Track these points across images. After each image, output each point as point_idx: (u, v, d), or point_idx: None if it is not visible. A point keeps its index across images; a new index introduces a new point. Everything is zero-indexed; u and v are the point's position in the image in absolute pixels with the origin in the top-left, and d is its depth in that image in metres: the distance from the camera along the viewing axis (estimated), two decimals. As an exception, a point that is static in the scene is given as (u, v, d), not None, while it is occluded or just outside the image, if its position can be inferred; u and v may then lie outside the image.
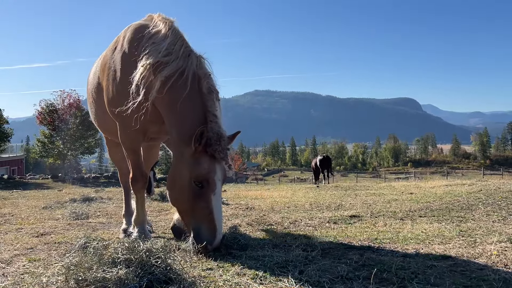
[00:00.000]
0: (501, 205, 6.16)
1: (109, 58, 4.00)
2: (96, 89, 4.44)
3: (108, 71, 3.93)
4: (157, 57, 3.37)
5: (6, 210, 8.27)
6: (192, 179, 3.22)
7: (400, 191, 10.28)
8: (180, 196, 3.31)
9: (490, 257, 3.13)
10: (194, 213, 3.26)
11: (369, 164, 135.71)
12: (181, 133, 3.29)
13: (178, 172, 3.33)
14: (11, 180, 24.74)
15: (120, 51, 3.82)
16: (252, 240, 4.04)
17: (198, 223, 3.24)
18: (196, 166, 3.20)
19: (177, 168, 3.34)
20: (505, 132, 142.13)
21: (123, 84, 3.63)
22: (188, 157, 3.23)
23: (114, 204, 9.00)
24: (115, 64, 3.83)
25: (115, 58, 3.88)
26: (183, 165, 3.26)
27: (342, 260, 3.17)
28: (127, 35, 3.86)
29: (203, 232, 3.22)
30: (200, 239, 3.21)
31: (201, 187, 3.22)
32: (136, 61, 3.53)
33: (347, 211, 6.50)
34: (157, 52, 3.40)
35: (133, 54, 3.62)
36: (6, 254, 3.78)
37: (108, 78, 3.91)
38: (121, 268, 2.46)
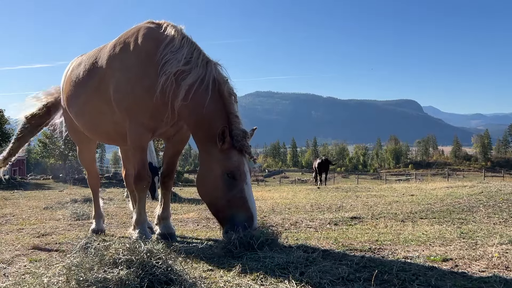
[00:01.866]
0: (502, 207, 6.16)
1: (118, 58, 3.98)
2: (92, 91, 4.30)
3: (122, 71, 3.93)
4: (178, 66, 3.61)
5: (7, 210, 8.29)
6: (225, 172, 3.46)
7: (401, 192, 10.27)
8: (214, 191, 3.52)
9: (491, 259, 3.13)
10: (230, 204, 3.45)
11: (370, 166, 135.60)
12: (208, 134, 3.53)
13: (209, 169, 3.55)
14: (13, 180, 24.79)
15: (136, 53, 3.88)
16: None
17: (235, 214, 3.44)
18: (227, 160, 3.46)
19: (208, 166, 3.56)
20: (506, 134, 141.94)
21: (141, 85, 3.78)
22: (218, 153, 3.48)
23: (115, 204, 9.01)
24: (130, 65, 3.89)
25: (129, 59, 3.90)
26: (214, 162, 3.51)
27: (343, 261, 3.17)
28: (142, 38, 3.89)
29: (241, 221, 3.41)
30: (238, 227, 3.38)
31: (234, 178, 3.45)
32: (156, 64, 3.70)
33: (348, 212, 6.50)
34: (177, 61, 3.62)
35: (151, 57, 3.77)
36: (7, 254, 3.79)
37: (122, 78, 3.91)
38: (122, 269, 2.46)
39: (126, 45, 3.99)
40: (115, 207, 8.52)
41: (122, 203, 9.26)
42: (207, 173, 3.57)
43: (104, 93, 4.13)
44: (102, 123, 4.41)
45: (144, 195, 4.23)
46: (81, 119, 4.67)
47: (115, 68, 4.00)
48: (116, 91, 3.95)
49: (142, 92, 3.79)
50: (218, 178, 3.48)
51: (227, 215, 3.49)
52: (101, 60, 4.22)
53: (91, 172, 5.38)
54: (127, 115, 3.95)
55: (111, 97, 4.03)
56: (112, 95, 4.00)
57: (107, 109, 4.18)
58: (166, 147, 4.59)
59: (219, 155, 3.48)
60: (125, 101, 3.90)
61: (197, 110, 3.58)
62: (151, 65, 3.76)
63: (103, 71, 4.15)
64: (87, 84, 4.38)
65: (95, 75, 4.27)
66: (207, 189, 3.60)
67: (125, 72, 3.90)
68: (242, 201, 3.46)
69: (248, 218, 3.43)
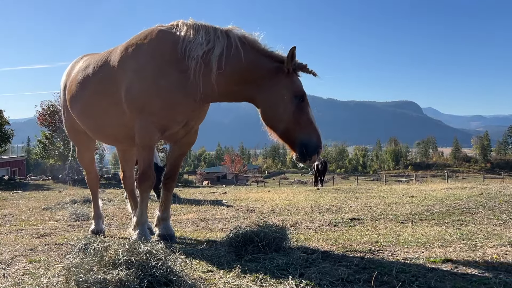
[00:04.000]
0: (501, 209, 6.16)
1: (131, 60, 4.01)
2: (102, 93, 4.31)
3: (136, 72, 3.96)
4: (203, 48, 3.76)
5: (7, 211, 8.28)
6: (293, 96, 3.63)
7: (400, 194, 10.27)
8: (285, 115, 3.63)
9: (490, 261, 3.13)
10: (299, 127, 3.63)
11: (370, 167, 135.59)
12: (263, 74, 3.70)
13: (276, 98, 3.66)
14: (12, 181, 24.75)
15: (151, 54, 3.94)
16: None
17: (305, 134, 3.62)
18: (294, 83, 3.68)
19: (274, 96, 3.67)
20: (506, 135, 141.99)
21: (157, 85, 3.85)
22: (284, 80, 3.66)
23: (115, 205, 9.01)
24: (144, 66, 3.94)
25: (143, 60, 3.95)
26: (282, 88, 3.64)
27: (343, 263, 3.17)
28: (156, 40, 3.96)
29: (312, 139, 3.61)
30: (311, 146, 3.59)
31: (302, 101, 3.64)
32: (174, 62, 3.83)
33: (347, 214, 6.50)
34: (199, 45, 3.77)
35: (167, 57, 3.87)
36: (6, 255, 3.78)
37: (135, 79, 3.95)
38: (121, 270, 2.46)
39: (139, 48, 4.03)
40: (115, 208, 8.52)
41: (121, 204, 9.25)
42: (277, 100, 3.66)
43: (115, 95, 4.13)
44: (110, 124, 4.42)
45: (147, 195, 4.24)
46: (87, 120, 4.66)
47: (128, 69, 4.01)
48: (129, 92, 3.96)
49: (157, 92, 3.85)
50: (289, 102, 3.62)
51: (298, 137, 3.64)
52: (112, 62, 4.22)
53: (91, 172, 5.39)
54: (138, 115, 3.96)
55: (122, 99, 4.05)
56: (124, 96, 4.01)
57: (116, 111, 4.17)
58: (172, 149, 4.59)
59: (286, 81, 3.66)
60: (138, 101, 3.93)
61: (237, 68, 3.74)
62: (168, 65, 3.85)
63: (114, 73, 4.15)
64: (96, 86, 4.37)
65: (106, 78, 4.26)
66: (279, 115, 3.67)
67: (139, 73, 3.95)
68: (310, 121, 3.66)
69: (317, 138, 3.63)
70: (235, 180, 63.46)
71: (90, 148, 5.35)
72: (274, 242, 3.54)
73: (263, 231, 3.58)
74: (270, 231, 3.61)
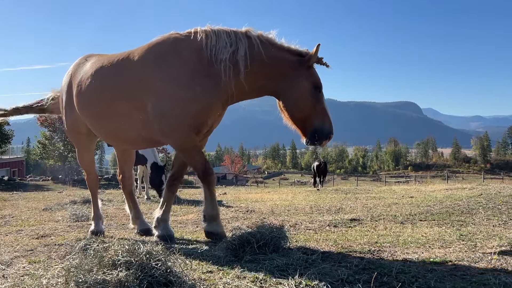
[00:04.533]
0: (501, 209, 6.16)
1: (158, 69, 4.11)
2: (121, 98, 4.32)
3: (166, 81, 4.07)
4: (228, 51, 4.01)
5: (6, 211, 8.28)
6: (313, 87, 3.99)
7: (400, 194, 10.28)
8: (306, 105, 3.98)
9: (490, 262, 3.13)
10: (316, 114, 4.00)
11: (370, 168, 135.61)
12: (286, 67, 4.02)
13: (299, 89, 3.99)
14: (12, 181, 24.75)
15: (181, 63, 4.09)
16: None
17: (320, 121, 4.00)
18: (314, 75, 4.04)
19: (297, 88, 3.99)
20: (506, 136, 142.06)
21: (193, 91, 4.01)
22: (305, 72, 3.99)
23: (115, 206, 9.00)
24: (176, 75, 4.08)
25: (173, 70, 4.08)
26: (303, 81, 3.98)
27: (342, 263, 3.17)
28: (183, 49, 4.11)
29: (326, 126, 4.00)
30: (325, 132, 4.00)
31: (319, 91, 4.03)
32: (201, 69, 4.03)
33: (347, 214, 6.50)
34: (224, 48, 4.02)
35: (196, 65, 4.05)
36: (6, 255, 3.78)
37: (167, 88, 4.06)
38: (121, 271, 2.46)
39: (165, 56, 4.14)
40: (115, 208, 8.51)
41: (121, 205, 9.24)
42: (300, 91, 3.99)
43: (139, 100, 4.18)
44: (129, 128, 4.42)
45: (214, 188, 4.37)
46: (101, 123, 4.63)
47: (158, 78, 4.10)
48: (161, 99, 4.05)
49: (193, 98, 4.02)
50: (308, 92, 3.97)
51: (314, 124, 4.00)
52: (134, 67, 4.25)
53: (90, 173, 5.39)
54: (174, 121, 4.07)
55: (146, 105, 4.12)
56: (153, 103, 4.07)
57: (139, 115, 4.22)
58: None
59: (306, 73, 3.99)
60: (175, 108, 4.04)
61: (261, 65, 4.01)
62: (198, 71, 4.04)
63: (140, 79, 4.19)
64: (116, 90, 4.37)
65: (129, 83, 4.28)
66: (300, 105, 4.01)
67: (173, 81, 4.07)
68: (325, 111, 4.03)
69: (329, 125, 4.03)
70: (235, 181, 63.45)
71: (90, 149, 5.34)
72: (272, 242, 3.55)
73: (260, 232, 3.59)
74: (267, 231, 3.62)
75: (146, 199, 10.69)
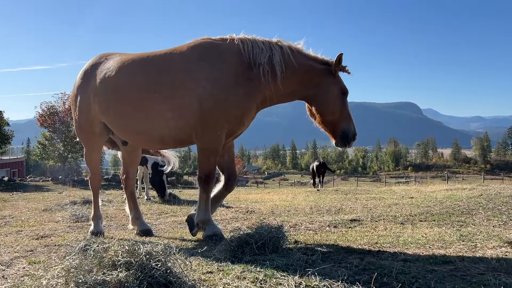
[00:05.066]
0: (501, 210, 6.16)
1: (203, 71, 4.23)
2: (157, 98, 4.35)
3: (212, 83, 4.19)
4: (265, 55, 4.29)
5: (7, 212, 8.28)
6: (341, 92, 4.35)
7: (400, 195, 10.28)
8: (335, 109, 4.34)
9: (490, 262, 3.13)
10: (342, 118, 4.37)
11: (370, 168, 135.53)
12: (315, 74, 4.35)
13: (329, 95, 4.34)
14: (12, 182, 24.74)
15: (225, 66, 4.28)
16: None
17: (347, 124, 4.37)
18: (341, 82, 4.41)
19: (327, 93, 4.34)
20: (506, 136, 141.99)
21: (236, 94, 4.22)
22: (333, 79, 4.34)
23: (114, 206, 9.00)
24: (221, 77, 4.25)
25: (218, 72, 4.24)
26: (332, 85, 4.34)
27: (343, 264, 3.17)
28: (225, 52, 4.32)
29: (351, 128, 4.38)
30: (351, 133, 4.38)
31: (345, 96, 4.39)
32: (242, 73, 4.26)
33: (347, 215, 6.50)
34: (261, 53, 4.30)
35: (238, 68, 4.29)
36: (6, 256, 3.78)
37: (212, 89, 4.18)
38: (121, 271, 2.46)
39: (208, 58, 4.30)
40: (115, 209, 8.51)
41: (121, 205, 9.25)
42: (330, 97, 4.35)
43: (176, 100, 4.25)
44: (159, 127, 4.43)
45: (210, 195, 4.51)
46: (128, 122, 4.59)
47: (201, 78, 4.21)
48: (203, 100, 4.16)
49: (236, 100, 4.22)
50: (337, 97, 4.34)
51: (341, 126, 4.37)
52: (174, 68, 4.35)
53: (96, 173, 5.33)
54: (213, 121, 4.21)
55: (185, 104, 4.21)
56: (194, 103, 4.18)
57: (174, 114, 4.29)
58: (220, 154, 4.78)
59: (334, 79, 4.35)
60: (217, 109, 4.19)
61: (294, 71, 4.32)
62: (240, 74, 4.26)
63: (179, 80, 4.27)
64: (151, 90, 4.39)
65: (166, 82, 4.34)
66: (331, 109, 4.36)
67: (215, 83, 4.20)
68: (349, 114, 4.41)
69: (354, 128, 4.41)
70: (235, 181, 63.17)
71: (100, 150, 5.33)
72: (271, 242, 3.55)
73: (259, 233, 3.59)
74: (265, 231, 3.62)
75: (146, 200, 10.68)
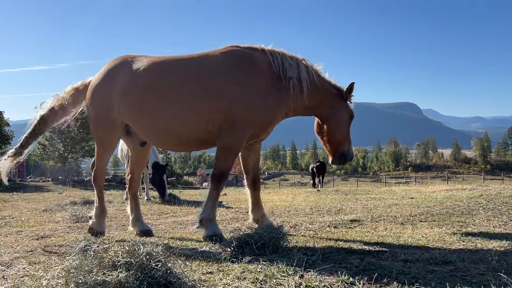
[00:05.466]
0: (501, 210, 6.16)
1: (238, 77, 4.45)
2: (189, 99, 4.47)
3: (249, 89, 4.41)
4: (294, 71, 4.57)
5: (7, 212, 8.28)
6: (349, 117, 4.85)
7: (400, 195, 10.28)
8: (343, 130, 4.83)
9: (490, 263, 3.13)
10: (346, 139, 4.87)
11: (370, 169, 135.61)
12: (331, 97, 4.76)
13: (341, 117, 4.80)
14: (12, 182, 24.75)
15: (260, 74, 4.48)
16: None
17: (348, 145, 4.89)
18: (349, 107, 4.85)
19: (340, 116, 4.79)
20: (506, 137, 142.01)
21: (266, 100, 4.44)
22: (343, 105, 4.78)
23: (114, 207, 9.00)
24: (256, 85, 4.45)
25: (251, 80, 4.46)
26: (344, 111, 4.79)
27: (343, 264, 3.17)
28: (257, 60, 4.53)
29: (350, 150, 4.93)
30: (350, 155, 4.93)
31: (351, 120, 4.87)
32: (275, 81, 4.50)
33: (347, 215, 6.50)
34: (291, 67, 4.57)
35: (270, 77, 4.51)
36: (6, 256, 3.78)
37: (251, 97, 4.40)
38: (121, 272, 2.46)
39: (242, 65, 4.51)
40: (115, 209, 8.51)
41: (121, 206, 9.25)
42: (341, 119, 4.81)
43: (209, 102, 4.38)
44: (188, 129, 4.53)
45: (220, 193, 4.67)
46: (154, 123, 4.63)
47: (235, 83, 4.40)
48: (234, 103, 4.33)
49: (265, 108, 4.44)
50: (346, 121, 4.83)
51: (343, 146, 4.86)
52: (210, 72, 4.46)
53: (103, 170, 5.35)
54: (240, 125, 4.37)
55: (216, 107, 4.35)
56: (225, 106, 4.33)
57: (205, 117, 4.41)
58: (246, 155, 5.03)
59: (345, 104, 4.79)
60: (245, 114, 4.36)
61: (316, 90, 4.66)
62: (270, 84, 4.47)
63: (215, 84, 4.41)
64: (185, 93, 4.48)
65: (201, 86, 4.44)
66: (340, 130, 4.82)
67: (247, 89, 4.41)
68: (350, 137, 4.92)
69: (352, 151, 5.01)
70: (235, 182, 63.34)
71: (113, 149, 5.41)
72: (271, 242, 3.56)
73: (258, 233, 3.60)
74: (265, 232, 3.62)
75: (146, 200, 10.68)
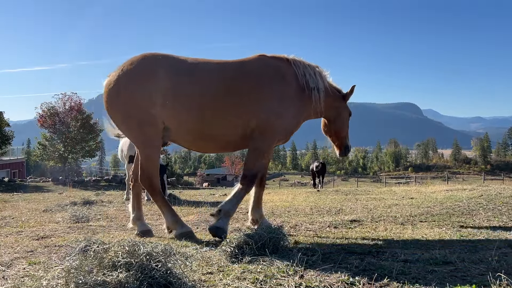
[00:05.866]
0: (501, 210, 6.16)
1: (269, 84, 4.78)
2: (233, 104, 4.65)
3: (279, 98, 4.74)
4: (315, 81, 5.01)
5: (7, 212, 8.28)
6: (349, 115, 5.52)
7: (400, 195, 10.28)
8: (345, 128, 5.51)
9: (490, 263, 3.13)
10: (346, 135, 5.54)
11: (370, 169, 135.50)
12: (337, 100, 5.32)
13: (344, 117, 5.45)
14: (12, 182, 24.74)
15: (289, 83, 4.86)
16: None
17: (347, 139, 5.57)
18: (347, 107, 5.47)
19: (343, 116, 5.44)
20: (506, 137, 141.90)
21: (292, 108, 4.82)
22: (345, 105, 5.41)
23: (115, 207, 9.00)
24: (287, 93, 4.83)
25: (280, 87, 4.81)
26: (344, 110, 5.41)
27: (343, 264, 3.17)
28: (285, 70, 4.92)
29: (349, 143, 5.58)
30: (349, 147, 5.59)
31: (350, 117, 5.56)
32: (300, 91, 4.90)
33: (347, 215, 6.50)
34: (311, 78, 4.98)
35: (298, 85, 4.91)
36: (6, 257, 3.78)
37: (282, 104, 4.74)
38: (121, 272, 2.46)
39: (273, 75, 4.84)
40: (115, 209, 8.51)
41: (122, 206, 9.25)
42: (344, 119, 5.45)
43: (246, 108, 4.64)
44: (230, 134, 4.77)
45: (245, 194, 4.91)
46: (202, 128, 4.70)
47: (267, 92, 4.72)
48: (264, 111, 4.64)
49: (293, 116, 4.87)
50: (346, 119, 5.49)
51: (346, 141, 5.54)
52: (248, 79, 4.76)
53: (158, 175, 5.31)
54: (271, 130, 4.69)
55: (251, 113, 4.63)
56: (258, 113, 4.63)
57: (243, 123, 4.66)
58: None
59: (345, 105, 5.42)
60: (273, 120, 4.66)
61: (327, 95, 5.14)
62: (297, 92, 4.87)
63: (252, 91, 4.69)
64: (228, 98, 4.65)
65: (238, 92, 4.68)
66: (343, 128, 5.49)
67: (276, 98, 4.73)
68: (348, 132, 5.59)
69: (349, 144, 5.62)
70: (235, 182, 63.38)
71: (159, 149, 5.37)
72: (271, 242, 3.56)
73: (258, 233, 3.60)
74: (265, 232, 3.62)
75: (146, 200, 10.67)
